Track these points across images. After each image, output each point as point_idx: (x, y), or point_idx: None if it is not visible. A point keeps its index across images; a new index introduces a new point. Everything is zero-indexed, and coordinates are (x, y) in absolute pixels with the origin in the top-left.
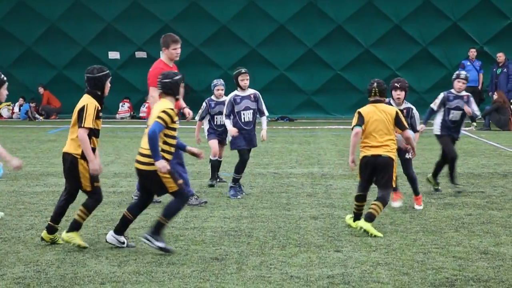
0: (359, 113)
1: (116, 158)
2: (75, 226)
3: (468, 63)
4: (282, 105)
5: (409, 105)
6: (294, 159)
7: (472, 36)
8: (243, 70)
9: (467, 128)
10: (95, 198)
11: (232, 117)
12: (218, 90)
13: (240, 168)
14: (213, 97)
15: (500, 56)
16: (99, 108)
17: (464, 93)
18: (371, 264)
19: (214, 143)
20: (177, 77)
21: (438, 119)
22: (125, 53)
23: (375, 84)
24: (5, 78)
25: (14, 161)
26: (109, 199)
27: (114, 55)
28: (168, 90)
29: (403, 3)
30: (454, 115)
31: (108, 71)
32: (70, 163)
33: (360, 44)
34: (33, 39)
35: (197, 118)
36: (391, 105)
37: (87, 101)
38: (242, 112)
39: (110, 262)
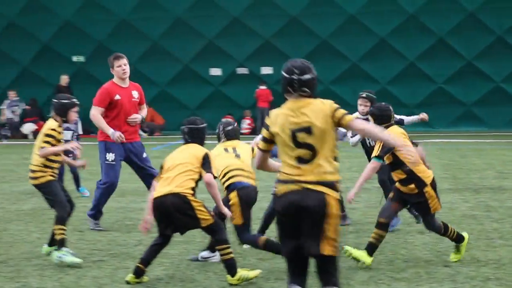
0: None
1: None
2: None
3: None
4: None
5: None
6: None
7: None
8: None
9: None
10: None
11: None
12: None
13: None
14: None
15: None
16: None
17: None
18: (480, 279)
19: None
20: (65, 101)
21: None
22: (226, 69)
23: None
24: (75, 102)
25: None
26: None
27: (216, 71)
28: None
29: (447, 17)
30: None
31: None
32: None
33: (463, 56)
34: (136, 58)
35: None
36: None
37: (206, 150)
38: None
39: (219, 278)
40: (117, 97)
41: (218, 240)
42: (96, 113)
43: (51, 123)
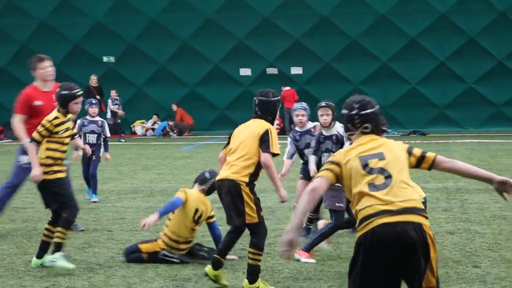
0: None
1: None
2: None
3: None
4: (414, 119)
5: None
6: (428, 174)
7: (490, 51)
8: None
9: None
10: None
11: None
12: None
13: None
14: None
15: None
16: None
17: None
18: (511, 280)
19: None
20: (64, 92)
21: None
22: (256, 69)
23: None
24: (75, 93)
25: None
26: None
27: (245, 71)
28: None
29: (420, 18)
30: None
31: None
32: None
33: (494, 56)
34: (166, 58)
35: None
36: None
37: (267, 126)
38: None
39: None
40: (38, 102)
41: (254, 243)
42: (16, 121)
43: (50, 114)
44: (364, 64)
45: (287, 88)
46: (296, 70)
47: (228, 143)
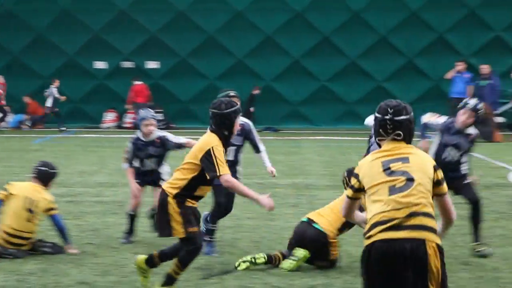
0: None
1: (101, 168)
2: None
3: (456, 75)
4: (268, 116)
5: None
6: (279, 170)
7: (457, 48)
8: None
9: None
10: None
11: None
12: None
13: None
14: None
15: (484, 69)
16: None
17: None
18: (354, 274)
19: None
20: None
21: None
22: (111, 63)
23: None
24: None
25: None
26: (93, 209)
27: (100, 65)
28: None
29: (389, 15)
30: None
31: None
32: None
33: (347, 55)
34: (19, 49)
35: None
36: None
37: (209, 145)
38: None
39: (92, 272)
40: None
41: (180, 257)
42: None
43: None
44: (220, 60)
45: (139, 82)
46: (152, 65)
47: None
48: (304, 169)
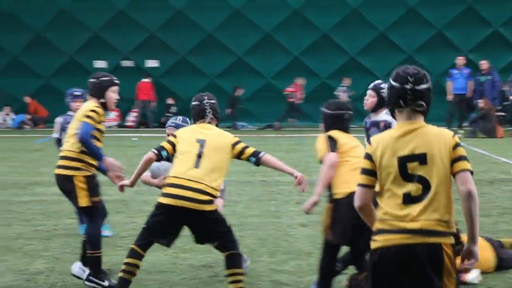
0: None
1: None
2: None
3: (456, 71)
4: (269, 113)
5: None
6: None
7: (456, 44)
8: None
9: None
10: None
11: None
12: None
13: None
14: None
15: (484, 64)
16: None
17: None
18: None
19: None
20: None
21: None
22: (111, 62)
23: None
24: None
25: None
26: None
27: (100, 64)
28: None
29: (388, 11)
30: None
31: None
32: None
33: (346, 52)
34: (19, 50)
35: None
36: None
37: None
38: None
39: None
40: None
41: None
42: None
43: None
44: (219, 58)
45: (145, 80)
46: (152, 63)
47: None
48: (306, 166)
